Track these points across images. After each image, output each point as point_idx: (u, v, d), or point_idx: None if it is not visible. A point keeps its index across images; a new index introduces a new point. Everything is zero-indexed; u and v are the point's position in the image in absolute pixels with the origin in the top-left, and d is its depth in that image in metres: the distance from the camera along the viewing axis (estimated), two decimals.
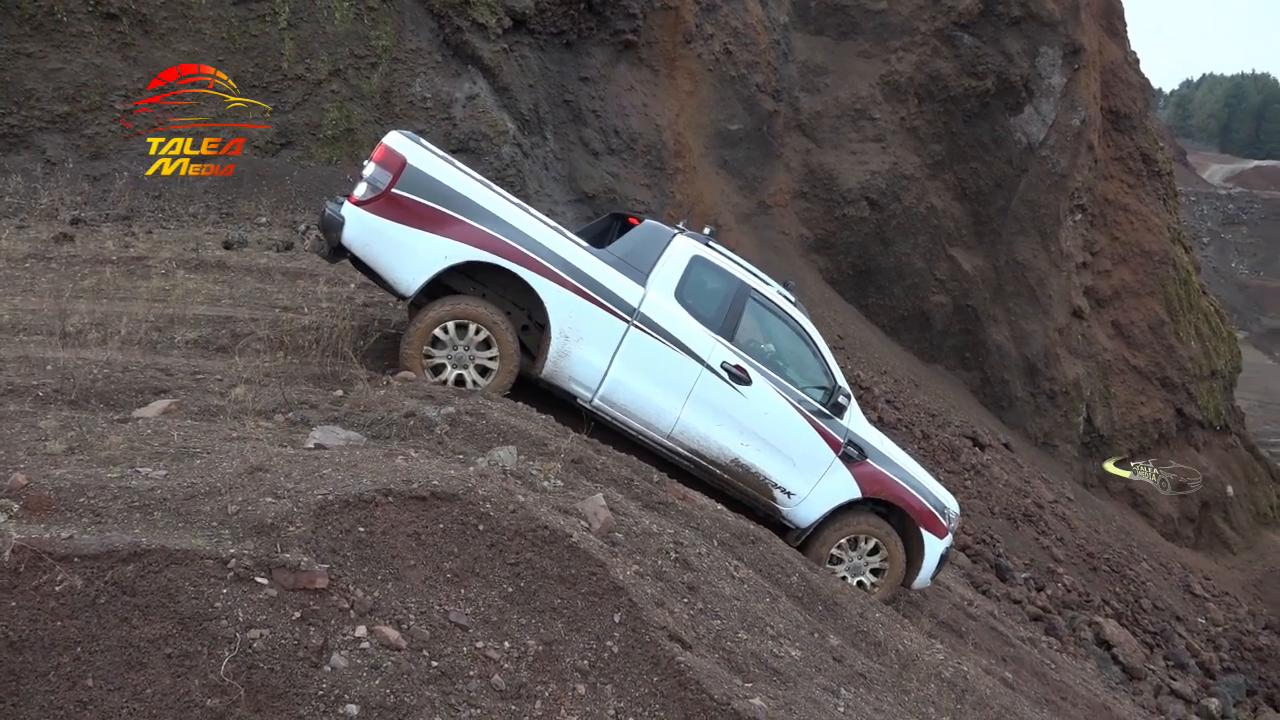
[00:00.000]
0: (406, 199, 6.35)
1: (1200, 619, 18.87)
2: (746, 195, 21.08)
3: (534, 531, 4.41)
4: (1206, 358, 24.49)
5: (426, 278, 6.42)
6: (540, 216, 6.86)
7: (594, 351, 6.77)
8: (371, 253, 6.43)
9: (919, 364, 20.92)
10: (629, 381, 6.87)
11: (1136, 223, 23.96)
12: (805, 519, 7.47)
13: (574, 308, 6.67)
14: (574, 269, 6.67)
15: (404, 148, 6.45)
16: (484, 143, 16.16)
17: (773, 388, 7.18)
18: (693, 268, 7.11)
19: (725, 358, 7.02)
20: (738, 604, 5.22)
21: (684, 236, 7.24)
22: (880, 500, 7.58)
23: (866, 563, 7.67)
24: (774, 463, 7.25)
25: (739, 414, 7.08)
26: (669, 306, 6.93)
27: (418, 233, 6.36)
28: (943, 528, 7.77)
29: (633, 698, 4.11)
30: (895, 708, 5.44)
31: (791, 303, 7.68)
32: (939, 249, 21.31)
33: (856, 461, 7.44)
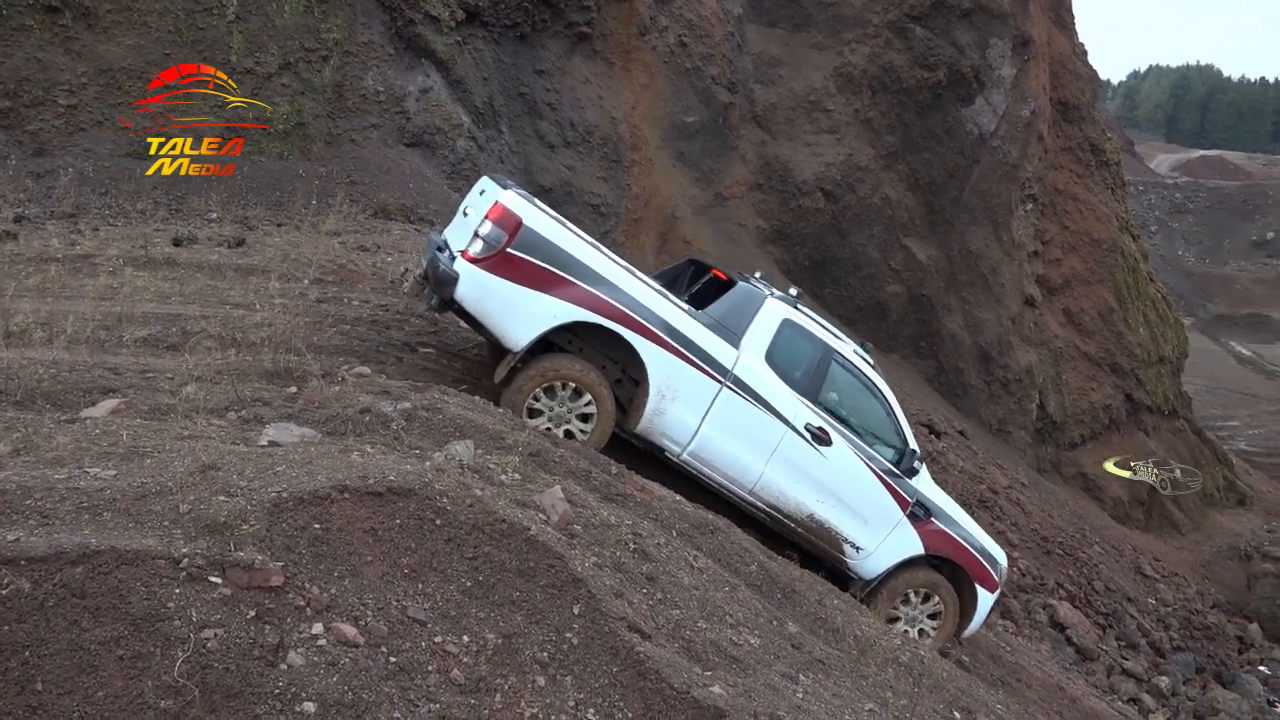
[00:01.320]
0: (520, 259, 6.51)
1: (1151, 599, 19.27)
2: (703, 187, 21.12)
3: (492, 525, 4.40)
4: (1155, 344, 24.96)
5: (535, 335, 6.62)
6: (643, 277, 7.04)
7: (687, 410, 7.04)
8: (483, 309, 6.61)
9: (875, 354, 21.13)
10: (718, 439, 7.16)
11: (1086, 212, 24.35)
12: (870, 572, 7.85)
13: (672, 368, 6.93)
14: (674, 330, 6.92)
15: (520, 209, 6.59)
16: (438, 136, 16.05)
17: (850, 448, 7.52)
18: (783, 331, 7.38)
19: (809, 419, 7.33)
20: (697, 593, 5.25)
21: (774, 299, 7.48)
22: (941, 557, 8.00)
23: (923, 611, 8.11)
24: (846, 519, 7.64)
25: (818, 473, 7.43)
26: (759, 369, 7.22)
27: (530, 292, 6.54)
28: (994, 582, 8.21)
29: (592, 689, 4.12)
30: (853, 692, 5.50)
31: (868, 364, 7.96)
32: (893, 239, 21.52)
33: (922, 520, 7.85)
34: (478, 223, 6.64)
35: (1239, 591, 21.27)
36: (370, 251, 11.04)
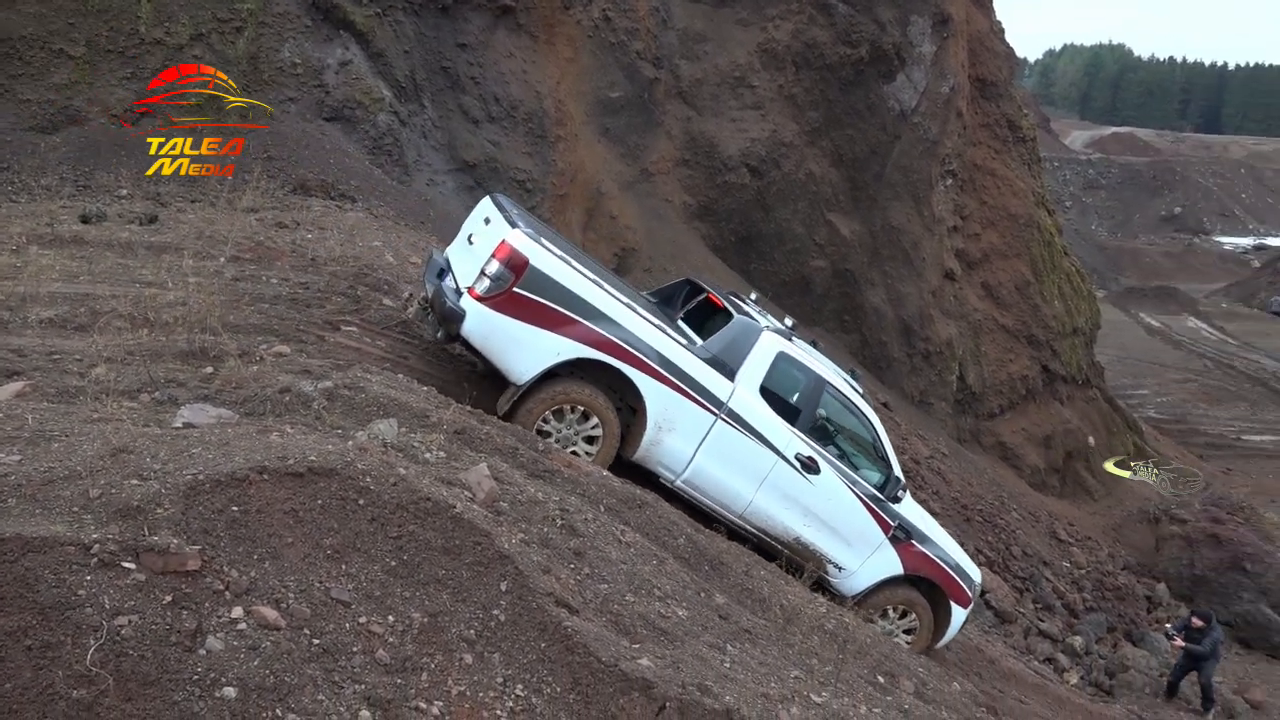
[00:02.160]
0: (526, 298, 6.71)
1: (1065, 563, 19.93)
2: (629, 163, 21.06)
3: (416, 504, 4.36)
4: (1069, 316, 25.66)
5: (539, 370, 6.85)
6: (645, 314, 7.25)
7: (683, 441, 7.34)
8: (489, 345, 6.83)
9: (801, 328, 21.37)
10: (711, 468, 7.48)
11: (1003, 187, 24.87)
12: (852, 590, 8.25)
13: (670, 402, 7.20)
14: (673, 366, 7.19)
15: (528, 249, 6.74)
16: (359, 111, 15.71)
17: (837, 476, 7.87)
18: (777, 364, 7.67)
19: (799, 449, 7.66)
20: (624, 567, 5.28)
21: (770, 333, 7.73)
22: (918, 576, 8.38)
23: (900, 625, 8.55)
24: (831, 542, 8.02)
25: (806, 499, 7.79)
26: (753, 401, 7.51)
27: (535, 329, 6.76)
28: (967, 598, 8.66)
29: (521, 665, 4.12)
30: (780, 660, 5.59)
31: (857, 392, 8.30)
32: (818, 215, 21.74)
33: (903, 542, 8.23)
34: (484, 259, 6.79)
35: (1148, 553, 22.11)
36: (289, 228, 10.79)
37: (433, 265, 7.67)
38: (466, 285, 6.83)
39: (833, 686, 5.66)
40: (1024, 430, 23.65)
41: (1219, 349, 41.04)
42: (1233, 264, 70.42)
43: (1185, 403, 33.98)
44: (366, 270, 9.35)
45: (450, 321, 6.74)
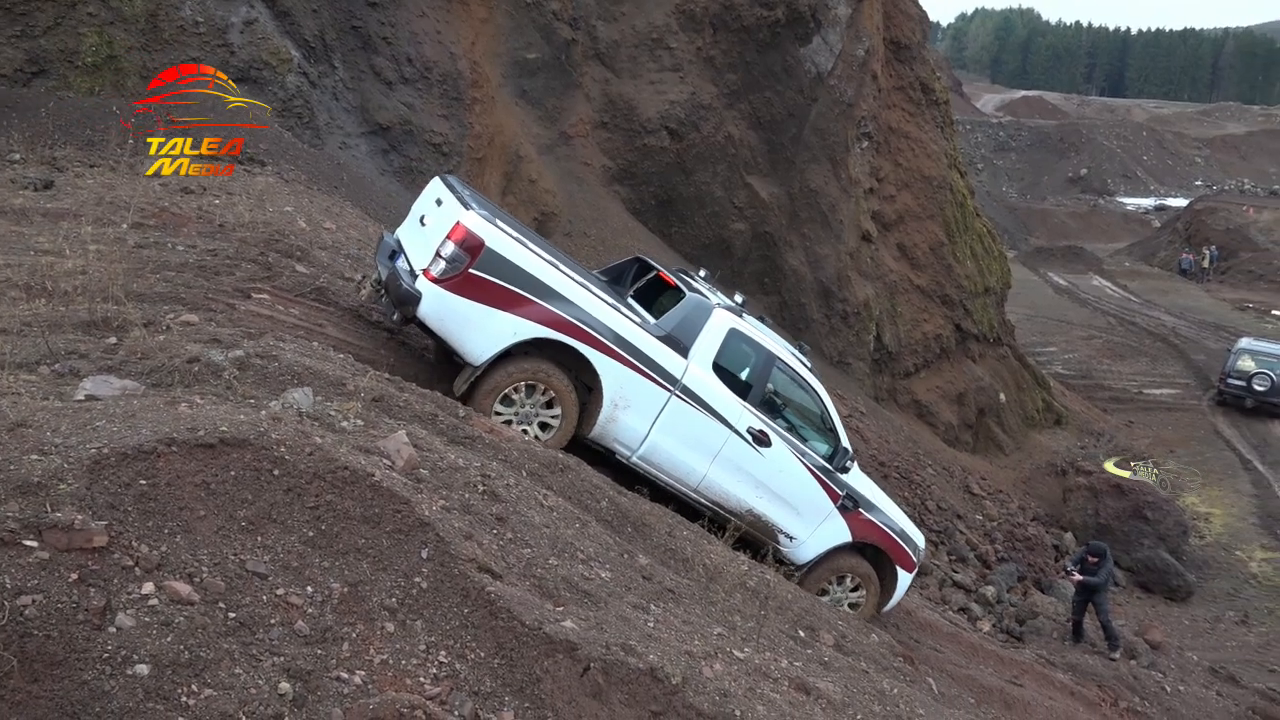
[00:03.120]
0: (482, 279, 6.77)
1: (978, 516, 20.57)
2: (547, 126, 20.83)
3: (333, 473, 4.29)
4: (981, 276, 26.27)
5: (495, 351, 6.92)
6: (599, 293, 7.37)
7: (638, 418, 7.48)
8: (445, 327, 6.89)
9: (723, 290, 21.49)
10: (666, 444, 7.64)
11: (918, 150, 25.26)
12: (803, 559, 8.51)
13: (625, 379, 7.32)
14: (628, 344, 7.29)
15: (483, 231, 6.81)
16: (266, 71, 15.23)
17: (788, 448, 8.10)
18: (729, 340, 7.83)
19: (750, 423, 7.87)
20: (548, 531, 5.28)
21: (721, 310, 7.87)
22: (866, 543, 8.68)
23: (849, 591, 8.85)
24: (782, 512, 8.24)
25: (757, 472, 8.00)
26: (706, 377, 7.68)
27: (491, 310, 6.82)
28: (912, 563, 9.02)
29: (444, 631, 4.11)
30: (703, 618, 5.67)
31: (805, 366, 8.53)
32: (737, 177, 21.81)
33: (850, 511, 8.51)
34: (438, 240, 6.82)
35: (1055, 504, 22.93)
36: (195, 194, 10.46)
37: (384, 247, 7.67)
38: (422, 267, 6.84)
39: (755, 642, 5.76)
40: (938, 388, 24.23)
41: (1122, 306, 42.49)
42: (1135, 224, 72.74)
43: (1091, 359, 35.13)
44: (278, 236, 9.12)
45: (406, 304, 6.75)
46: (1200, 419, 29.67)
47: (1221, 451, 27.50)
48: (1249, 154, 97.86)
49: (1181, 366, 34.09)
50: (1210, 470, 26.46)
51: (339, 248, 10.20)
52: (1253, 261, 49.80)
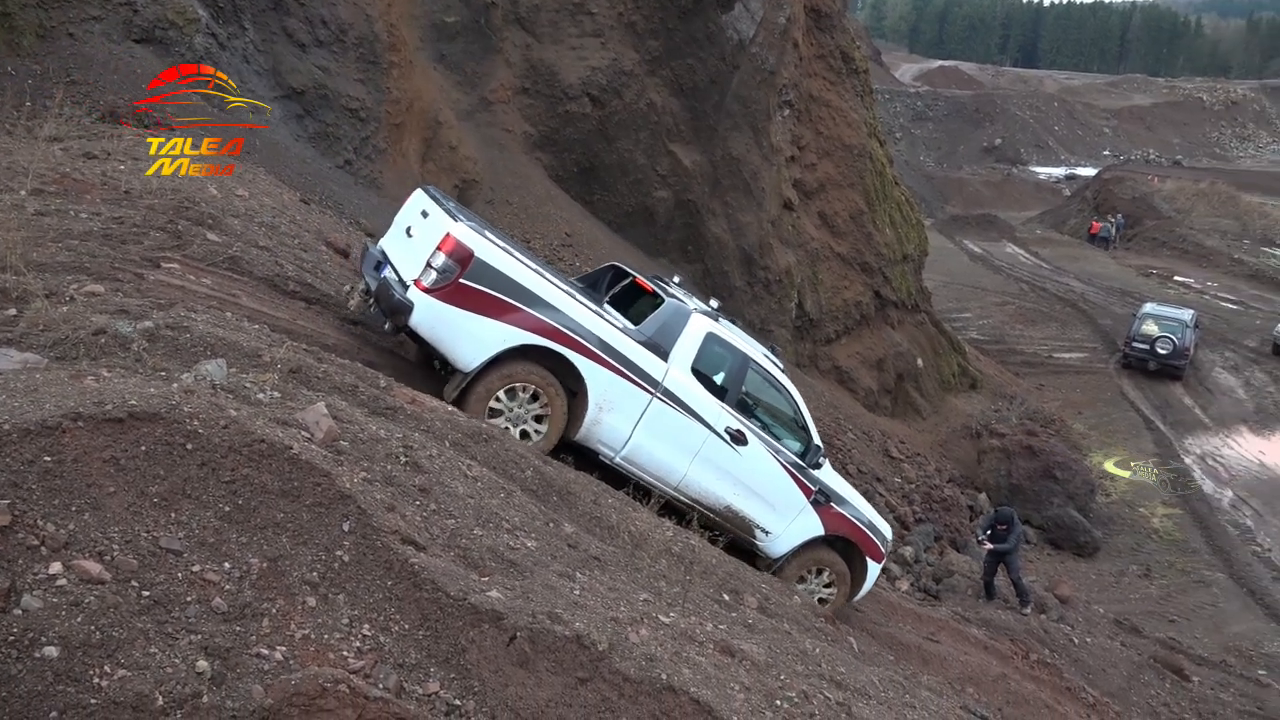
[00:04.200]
0: (472, 288, 7.03)
1: (897, 478, 21.05)
2: (467, 91, 20.46)
3: (250, 446, 4.20)
4: (899, 243, 26.67)
5: (486, 358, 7.17)
6: (584, 301, 7.66)
7: (621, 419, 7.78)
8: (437, 335, 7.13)
9: (645, 258, 21.46)
10: (648, 444, 7.94)
11: (838, 118, 25.45)
12: (777, 552, 8.89)
13: (608, 383, 7.60)
14: (611, 349, 7.59)
15: (473, 242, 7.08)
16: (171, 32, 14.64)
17: (763, 446, 8.47)
18: (707, 343, 8.17)
19: (728, 423, 8.21)
20: (472, 502, 5.25)
21: (699, 315, 8.23)
22: (837, 536, 9.07)
23: (821, 583, 9.27)
24: (758, 508, 8.60)
25: (735, 470, 8.35)
26: (686, 380, 8.02)
27: (481, 318, 7.08)
28: (881, 553, 9.46)
29: (367, 604, 4.07)
30: (629, 585, 5.71)
31: (778, 367, 8.90)
32: (660, 145, 21.73)
33: (823, 505, 8.88)
34: (428, 251, 7.04)
35: (970, 466, 23.58)
36: (99, 159, 10.04)
37: (369, 258, 7.92)
38: (412, 278, 7.05)
39: (680, 607, 5.82)
40: (858, 354, 24.62)
41: (1034, 273, 43.61)
42: (1046, 192, 74.59)
43: (1004, 324, 36.05)
44: (188, 204, 8.81)
45: (398, 314, 6.98)
46: (1107, 381, 30.73)
47: (1126, 413, 28.56)
48: (1154, 125, 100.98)
49: (1089, 331, 35.21)
50: (1115, 431, 27.47)
51: (253, 215, 9.91)
52: (1156, 229, 51.51)
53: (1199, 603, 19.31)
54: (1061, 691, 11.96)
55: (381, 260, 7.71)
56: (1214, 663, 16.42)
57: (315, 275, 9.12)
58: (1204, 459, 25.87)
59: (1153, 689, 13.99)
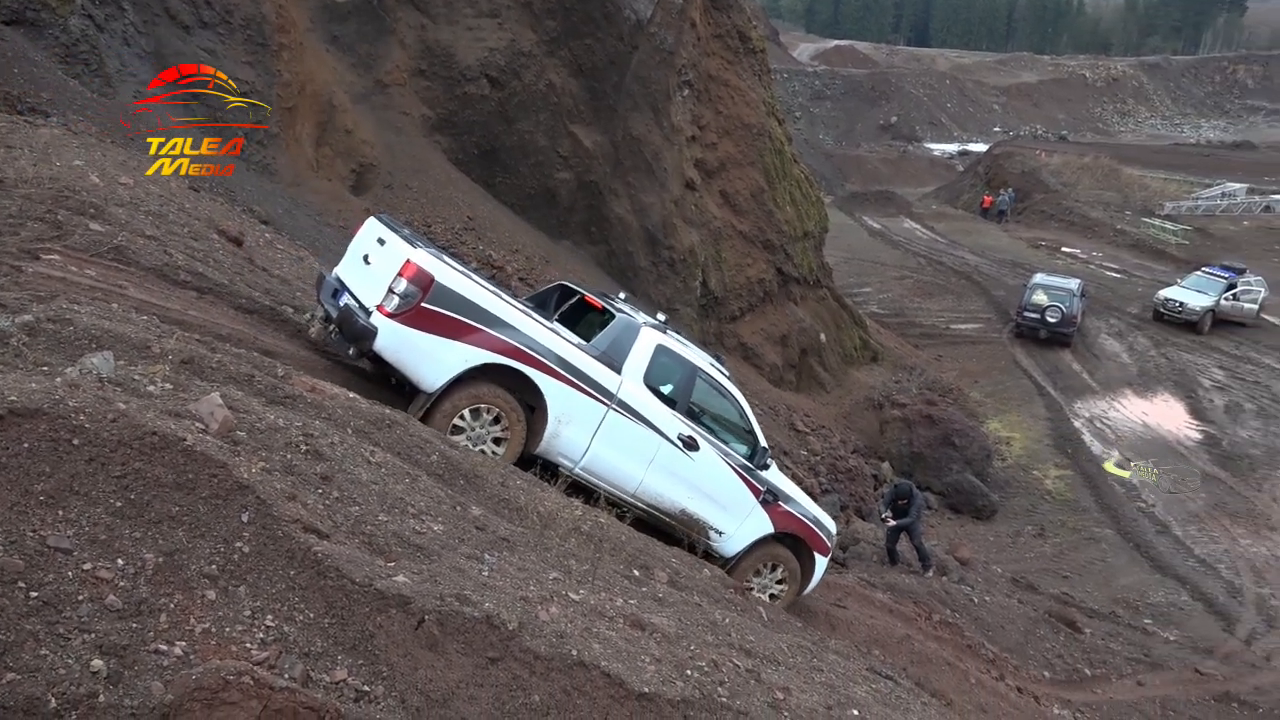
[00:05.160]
0: (434, 312, 7.26)
1: (803, 451, 21.48)
2: (361, 74, 20.06)
3: (141, 440, 4.09)
4: (800, 221, 27.07)
5: (449, 378, 7.40)
6: (540, 320, 7.94)
7: (580, 431, 8.07)
8: (401, 358, 7.34)
9: (549, 240, 21.41)
10: (605, 454, 8.24)
11: (737, 98, 25.66)
12: (730, 551, 9.23)
13: (567, 398, 7.89)
14: (568, 365, 7.88)
15: (433, 267, 7.30)
16: (44, 13, 14.00)
17: (714, 451, 8.82)
18: (657, 355, 8.48)
19: (680, 430, 8.54)
20: (376, 488, 5.20)
21: (648, 328, 8.53)
22: (786, 533, 9.43)
23: (773, 579, 9.62)
24: (711, 510, 8.93)
25: (688, 474, 8.69)
26: (638, 390, 8.32)
27: (443, 340, 7.32)
28: (827, 548, 9.88)
29: (269, 595, 4.01)
30: (538, 564, 5.73)
31: (724, 375, 9.28)
32: (560, 126, 21.64)
33: (772, 504, 9.26)
34: (389, 277, 7.26)
35: (873, 436, 24.20)
36: None
37: (326, 286, 8.09)
38: (375, 303, 7.26)
39: (590, 584, 5.87)
40: (763, 330, 24.98)
41: (930, 247, 44.77)
42: (941, 168, 76.55)
43: (903, 298, 36.96)
44: (68, 193, 8.46)
45: (363, 339, 7.18)
46: (1001, 350, 31.78)
47: (1020, 380, 29.60)
48: (1040, 101, 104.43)
49: (984, 302, 36.34)
50: (1010, 398, 28.47)
51: (138, 204, 9.57)
52: (1045, 202, 53.32)
53: (1089, 558, 20.23)
54: (963, 649, 12.43)
55: (339, 288, 7.87)
56: (1104, 614, 17.24)
57: (207, 264, 8.88)
58: (1091, 422, 27.01)
59: (1048, 642, 14.62)
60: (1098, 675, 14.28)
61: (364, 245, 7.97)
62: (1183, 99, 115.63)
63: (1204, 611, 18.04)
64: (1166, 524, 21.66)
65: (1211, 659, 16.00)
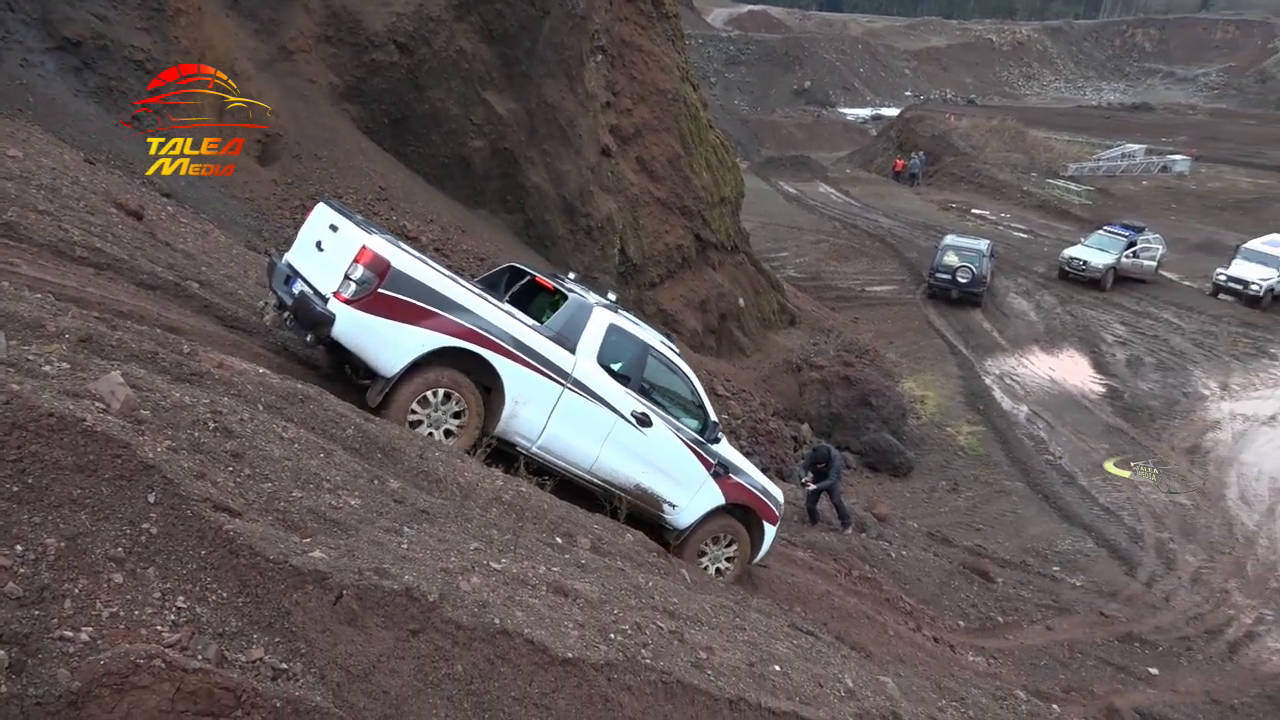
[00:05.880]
0: (391, 297, 7.31)
1: (724, 415, 21.67)
2: (264, 40, 19.42)
3: (37, 421, 3.94)
4: (716, 186, 27.17)
5: (407, 362, 7.46)
6: (496, 302, 8.06)
7: (536, 411, 8.20)
8: (360, 344, 7.39)
9: (464, 210, 21.10)
10: (561, 433, 8.38)
11: (651, 63, 25.54)
12: (683, 523, 9.45)
13: (522, 378, 8.01)
14: (524, 346, 7.99)
15: (388, 253, 7.37)
16: None
17: (666, 426, 8.99)
18: (610, 334, 8.62)
19: (633, 407, 8.70)
20: (289, 464, 5.11)
21: (600, 308, 8.67)
22: (736, 504, 9.68)
23: (724, 549, 9.92)
24: (665, 484, 9.15)
25: (642, 450, 8.86)
26: (592, 369, 8.47)
27: (400, 325, 7.38)
28: (775, 516, 10.15)
29: (180, 576, 3.92)
30: (459, 535, 5.71)
31: (674, 352, 9.40)
32: (473, 93, 21.28)
33: (722, 477, 9.49)
34: (344, 264, 7.29)
35: (793, 399, 24.55)
36: None
37: (278, 272, 8.10)
38: (330, 290, 7.28)
39: (512, 553, 5.87)
40: (682, 297, 25.07)
41: (845, 211, 45.38)
42: (855, 133, 77.47)
43: (819, 261, 37.44)
44: None
45: (321, 325, 7.22)
46: (915, 311, 32.47)
47: (933, 340, 30.30)
48: (949, 65, 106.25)
49: (897, 264, 37.03)
50: (923, 357, 29.14)
51: (29, 178, 9.17)
52: (955, 165, 54.43)
53: (1001, 510, 20.90)
54: (882, 603, 12.77)
55: (291, 274, 7.86)
56: (1015, 564, 17.86)
57: (105, 239, 8.57)
58: (1001, 378, 27.81)
59: (963, 592, 15.11)
60: (1009, 622, 14.82)
61: (315, 231, 7.98)
62: (1084, 62, 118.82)
63: (1108, 557, 18.80)
64: (1073, 475, 22.47)
65: (1115, 602, 16.72)
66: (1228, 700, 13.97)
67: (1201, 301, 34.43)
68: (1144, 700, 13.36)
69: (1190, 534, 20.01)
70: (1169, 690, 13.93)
